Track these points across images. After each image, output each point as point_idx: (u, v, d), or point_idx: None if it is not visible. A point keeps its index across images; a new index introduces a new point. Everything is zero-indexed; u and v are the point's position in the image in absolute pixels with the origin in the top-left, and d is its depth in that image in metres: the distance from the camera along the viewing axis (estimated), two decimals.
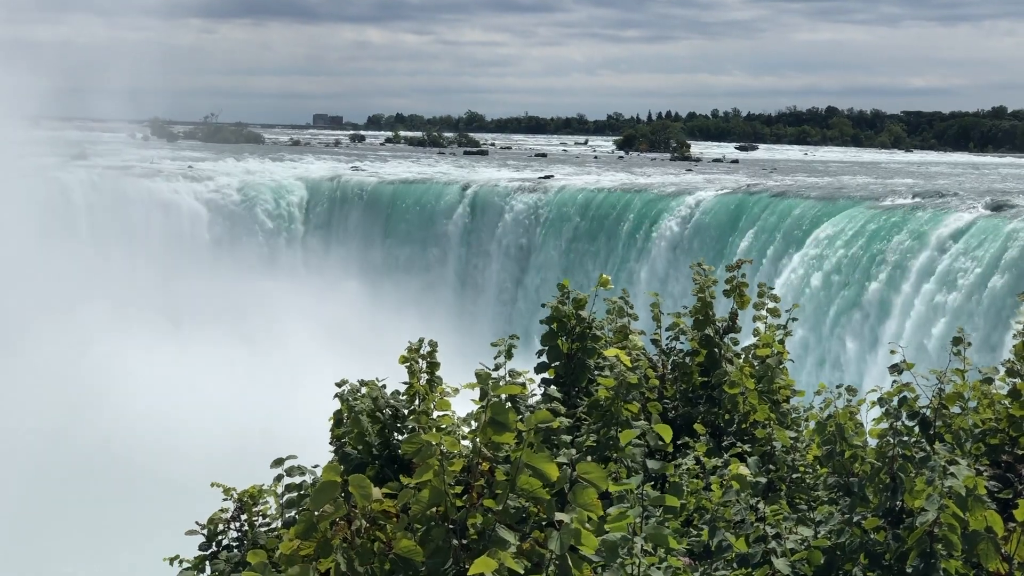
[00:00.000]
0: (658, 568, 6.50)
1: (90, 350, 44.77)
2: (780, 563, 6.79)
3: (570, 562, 5.39)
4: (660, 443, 7.85)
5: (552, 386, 10.29)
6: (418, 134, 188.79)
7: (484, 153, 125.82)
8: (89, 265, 53.66)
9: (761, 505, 7.33)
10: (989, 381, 8.86)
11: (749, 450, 9.00)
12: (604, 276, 10.92)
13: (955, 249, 41.22)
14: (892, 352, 8.38)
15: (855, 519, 7.08)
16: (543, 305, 10.88)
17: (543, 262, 59.98)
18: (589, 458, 8.15)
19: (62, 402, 39.59)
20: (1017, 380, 8.64)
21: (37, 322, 46.54)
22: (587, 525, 5.46)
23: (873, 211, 47.47)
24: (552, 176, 71.31)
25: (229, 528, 9.36)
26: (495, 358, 9.37)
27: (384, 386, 9.92)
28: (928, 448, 7.00)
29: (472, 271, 63.12)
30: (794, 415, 10.46)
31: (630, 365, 9.41)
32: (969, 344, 8.95)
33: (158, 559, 9.48)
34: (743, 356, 10.68)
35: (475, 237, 63.41)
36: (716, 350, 10.71)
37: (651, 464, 7.24)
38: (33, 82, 66.73)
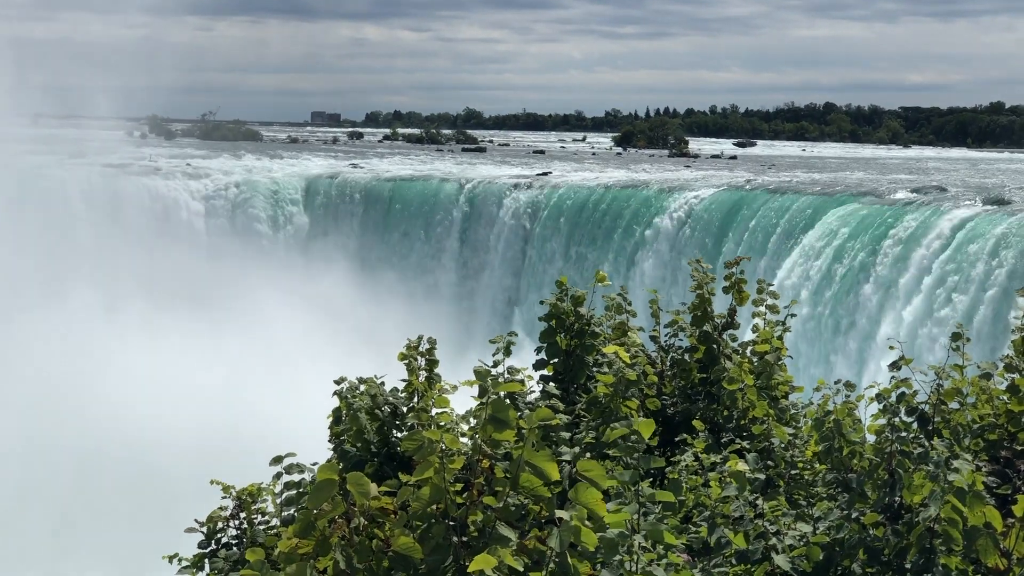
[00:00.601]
0: (658, 564, 6.50)
1: (85, 343, 44.81)
2: (780, 559, 6.79)
3: (570, 559, 5.39)
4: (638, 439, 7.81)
5: (551, 383, 10.28)
6: (416, 131, 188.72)
7: (482, 150, 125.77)
8: (85, 260, 53.72)
9: (760, 502, 7.32)
10: (988, 377, 8.85)
11: (748, 446, 9.00)
12: (601, 272, 10.92)
13: (919, 310, 40.47)
14: (891, 348, 8.38)
15: (854, 515, 7.08)
16: (541, 302, 10.87)
17: (541, 260, 60.01)
18: (588, 455, 8.15)
19: (55, 394, 39.64)
20: (1016, 376, 8.63)
21: (30, 316, 46.65)
22: (587, 522, 5.45)
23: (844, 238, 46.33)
24: (550, 172, 71.32)
25: (228, 526, 9.35)
26: (493, 355, 9.35)
27: (383, 383, 9.91)
28: (926, 444, 7.00)
29: (470, 268, 63.16)
30: (793, 411, 10.45)
31: (629, 362, 9.41)
32: (968, 340, 8.94)
33: (156, 556, 9.48)
34: (742, 352, 10.67)
35: (473, 234, 63.44)
36: (715, 346, 10.69)
37: (641, 460, 7.25)
38: (30, 80, 66.80)
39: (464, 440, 5.94)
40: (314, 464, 8.46)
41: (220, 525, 9.36)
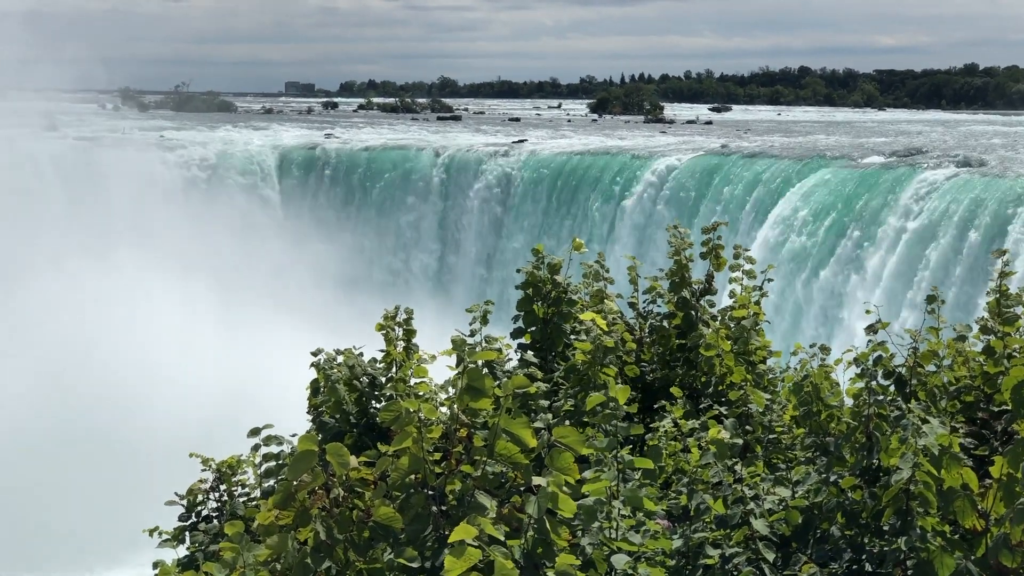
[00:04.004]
0: (636, 531, 6.52)
1: (65, 311, 44.70)
2: (759, 524, 6.82)
3: (548, 526, 5.40)
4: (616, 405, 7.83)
5: (528, 351, 10.28)
6: (391, 100, 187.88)
7: (457, 118, 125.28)
8: (63, 230, 53.55)
9: (739, 467, 7.35)
10: (963, 339, 8.89)
11: (726, 412, 9.03)
12: (577, 240, 10.90)
13: (894, 273, 40.31)
14: (867, 312, 8.41)
15: (832, 478, 7.11)
16: (518, 270, 10.86)
17: (518, 227, 59.94)
18: (567, 423, 8.16)
19: (32, 368, 39.64)
20: (991, 337, 8.67)
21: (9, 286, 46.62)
22: (564, 489, 5.46)
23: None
24: (525, 140, 71.14)
25: (208, 499, 9.31)
26: (471, 324, 9.34)
27: (361, 354, 9.89)
28: (903, 407, 7.03)
29: (447, 237, 63.06)
30: (770, 376, 10.48)
31: (606, 329, 9.40)
32: (943, 303, 8.97)
33: (136, 528, 9.44)
34: (719, 318, 10.68)
35: (449, 203, 63.29)
36: (692, 312, 10.70)
37: (620, 426, 7.27)
38: None
39: (442, 409, 5.94)
40: (293, 436, 8.44)
41: (200, 498, 9.32)
